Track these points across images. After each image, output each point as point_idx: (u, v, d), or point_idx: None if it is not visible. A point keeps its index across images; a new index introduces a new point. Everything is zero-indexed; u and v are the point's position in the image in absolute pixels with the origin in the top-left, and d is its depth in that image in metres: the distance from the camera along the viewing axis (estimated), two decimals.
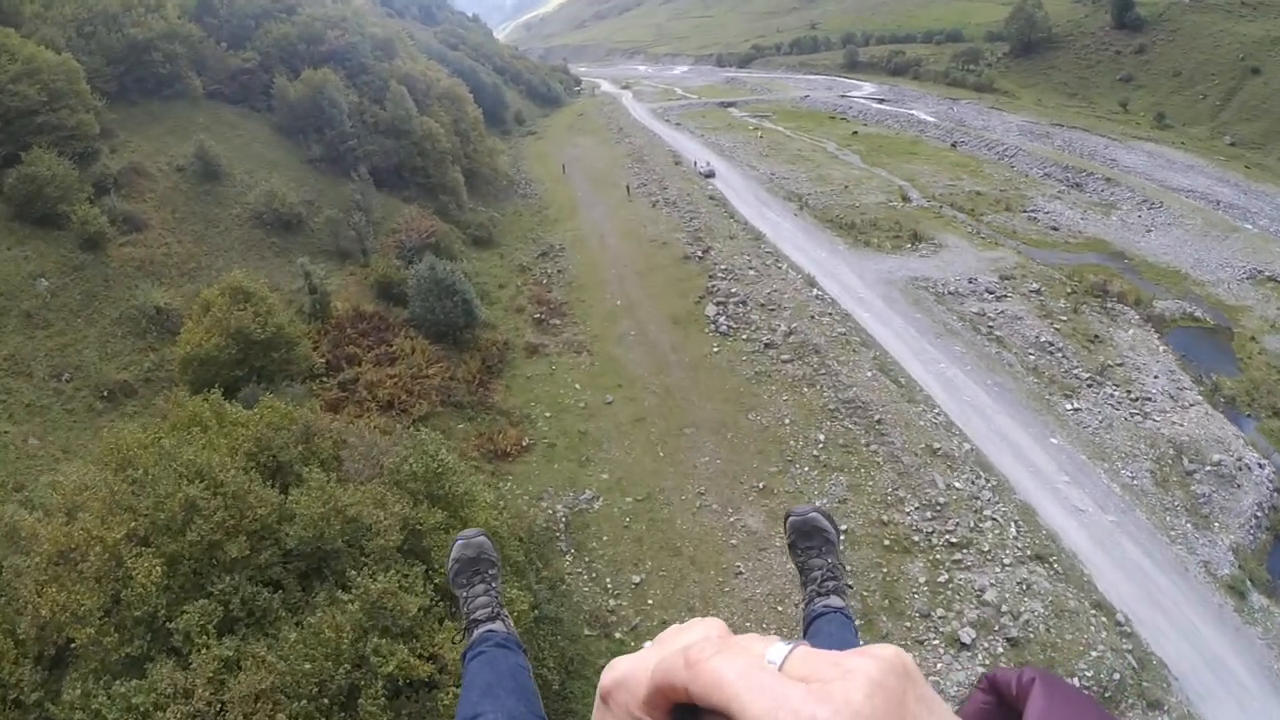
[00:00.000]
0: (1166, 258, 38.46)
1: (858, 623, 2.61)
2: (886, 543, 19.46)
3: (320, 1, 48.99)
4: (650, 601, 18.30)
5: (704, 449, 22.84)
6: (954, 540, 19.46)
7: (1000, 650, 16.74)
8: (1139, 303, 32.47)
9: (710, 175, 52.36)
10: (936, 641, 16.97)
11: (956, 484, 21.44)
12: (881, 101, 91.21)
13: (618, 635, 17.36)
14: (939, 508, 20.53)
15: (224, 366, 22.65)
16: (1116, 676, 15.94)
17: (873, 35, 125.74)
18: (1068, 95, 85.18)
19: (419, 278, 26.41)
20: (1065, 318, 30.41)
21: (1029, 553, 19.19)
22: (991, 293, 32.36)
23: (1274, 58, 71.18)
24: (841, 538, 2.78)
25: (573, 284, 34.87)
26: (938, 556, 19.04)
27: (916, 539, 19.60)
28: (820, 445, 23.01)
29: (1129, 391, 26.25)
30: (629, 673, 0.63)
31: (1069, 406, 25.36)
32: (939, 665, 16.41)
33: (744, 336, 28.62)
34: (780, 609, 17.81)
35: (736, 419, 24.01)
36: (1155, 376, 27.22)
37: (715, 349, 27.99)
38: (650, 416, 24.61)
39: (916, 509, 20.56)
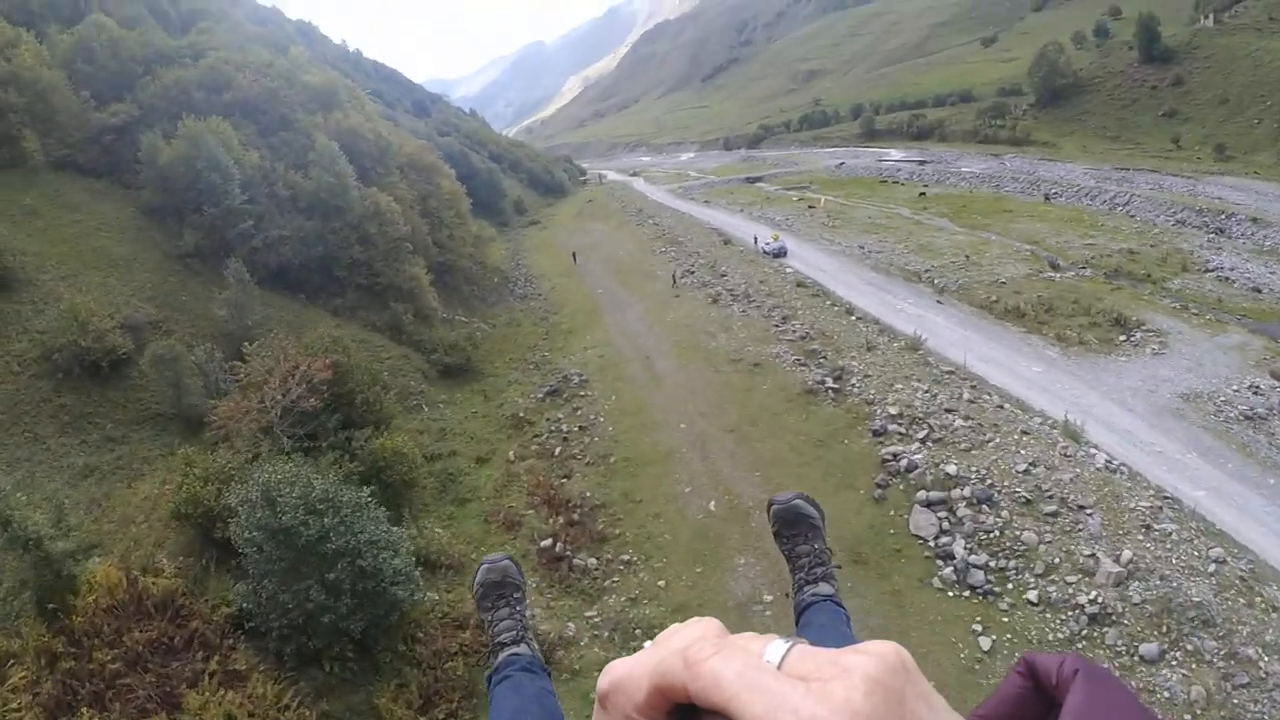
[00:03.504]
0: None
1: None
2: None
3: (244, 49, 35.86)
4: None
5: None
6: None
7: None
8: None
9: (781, 254, 38.17)
10: None
11: None
12: (923, 163, 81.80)
13: None
14: None
15: None
16: None
17: (881, 105, 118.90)
18: (1110, 139, 76.33)
19: (248, 526, 10.48)
20: None
21: None
22: None
23: None
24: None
25: (611, 459, 18.76)
26: None
27: None
28: None
29: None
30: (626, 675, 0.59)
31: None
32: None
33: (1027, 595, 12.39)
34: None
35: None
36: None
37: (982, 640, 11.27)
38: None
39: None
